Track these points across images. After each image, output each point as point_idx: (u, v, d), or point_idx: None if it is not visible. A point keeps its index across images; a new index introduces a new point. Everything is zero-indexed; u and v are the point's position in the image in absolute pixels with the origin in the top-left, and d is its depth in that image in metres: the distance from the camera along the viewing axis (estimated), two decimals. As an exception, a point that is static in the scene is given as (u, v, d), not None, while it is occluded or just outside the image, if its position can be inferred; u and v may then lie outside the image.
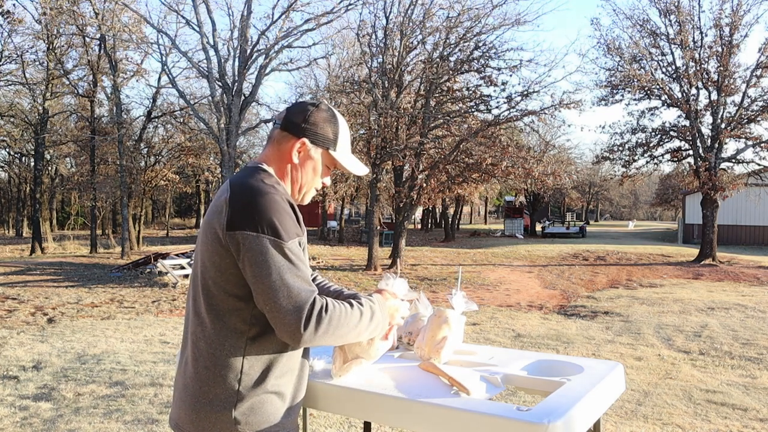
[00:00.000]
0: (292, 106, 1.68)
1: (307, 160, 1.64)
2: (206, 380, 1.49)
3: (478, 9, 15.49)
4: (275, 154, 1.64)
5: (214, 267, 1.49)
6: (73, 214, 40.41)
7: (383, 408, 1.59)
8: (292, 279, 1.43)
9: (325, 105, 1.68)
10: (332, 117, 1.67)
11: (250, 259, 1.43)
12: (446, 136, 16.48)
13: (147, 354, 6.34)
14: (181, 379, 1.57)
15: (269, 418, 1.49)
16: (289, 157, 1.62)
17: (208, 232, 1.51)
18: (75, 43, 22.15)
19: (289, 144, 1.62)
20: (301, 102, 1.68)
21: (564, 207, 51.55)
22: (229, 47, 16.76)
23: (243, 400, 1.47)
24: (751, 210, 26.27)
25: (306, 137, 1.62)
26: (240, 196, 1.49)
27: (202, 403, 1.48)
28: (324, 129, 1.64)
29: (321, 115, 1.64)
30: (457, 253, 20.94)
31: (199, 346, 1.51)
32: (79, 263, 17.32)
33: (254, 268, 1.43)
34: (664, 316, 8.93)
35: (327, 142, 1.65)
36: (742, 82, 18.23)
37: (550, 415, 1.40)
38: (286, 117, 1.64)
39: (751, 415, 4.59)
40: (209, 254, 1.50)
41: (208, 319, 1.50)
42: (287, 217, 1.48)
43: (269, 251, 1.43)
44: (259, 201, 1.46)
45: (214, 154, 25.56)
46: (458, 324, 1.90)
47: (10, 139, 27.13)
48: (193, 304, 1.57)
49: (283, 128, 1.63)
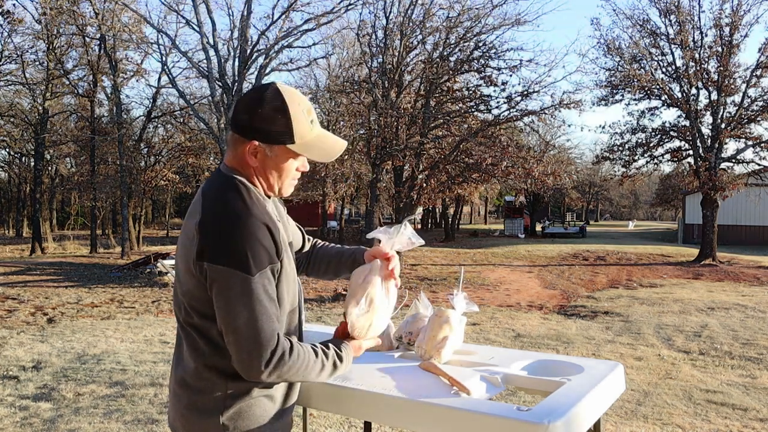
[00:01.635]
0: (236, 103, 1.51)
1: (267, 162, 1.48)
2: (194, 388, 1.47)
3: (478, 9, 15.51)
4: (235, 159, 1.50)
5: (188, 290, 1.45)
6: (73, 214, 40.40)
7: (383, 408, 1.59)
8: (256, 319, 1.36)
9: (272, 92, 1.46)
10: (280, 105, 1.44)
11: (217, 293, 1.38)
12: (446, 136, 16.49)
13: (147, 354, 6.34)
14: (172, 382, 1.56)
15: (258, 420, 1.46)
16: (246, 162, 1.47)
17: (182, 255, 1.46)
18: (75, 43, 22.16)
19: (242, 147, 1.47)
20: (246, 94, 1.50)
21: (564, 207, 51.53)
22: (229, 47, 16.78)
23: (230, 407, 1.44)
24: (751, 210, 26.26)
25: (255, 138, 1.45)
26: (210, 222, 1.40)
27: (190, 409, 1.47)
28: (273, 124, 1.44)
29: (266, 108, 1.44)
30: (457, 253, 20.94)
31: (189, 356, 1.49)
32: (79, 263, 17.32)
33: (219, 302, 1.38)
34: (664, 316, 8.93)
35: (281, 137, 1.46)
36: (742, 82, 18.23)
37: (551, 415, 1.40)
38: (233, 117, 1.49)
39: (751, 415, 4.59)
40: (184, 276, 1.46)
41: (194, 334, 1.47)
42: (258, 246, 1.37)
43: (236, 287, 1.36)
44: (228, 230, 1.37)
45: (214, 154, 25.56)
46: (459, 324, 1.90)
47: (10, 139, 27.12)
48: (177, 313, 1.54)
49: (233, 129, 1.49)
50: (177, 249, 1.54)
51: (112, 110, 23.38)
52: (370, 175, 15.58)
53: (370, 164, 15.77)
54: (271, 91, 1.46)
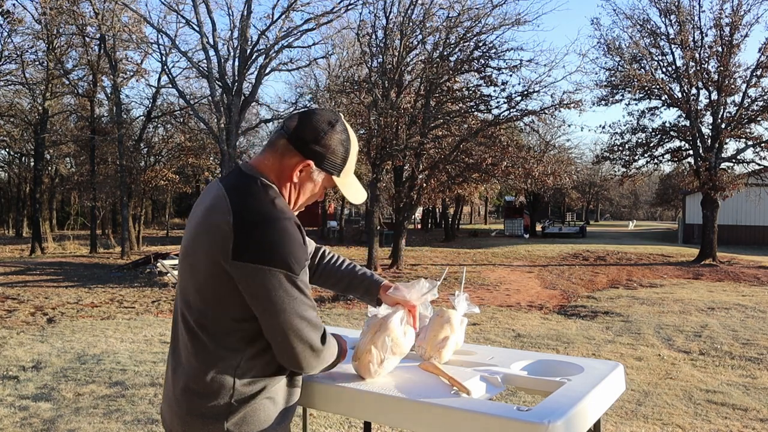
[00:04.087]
0: (305, 118, 1.52)
1: (307, 182, 1.53)
2: (199, 393, 1.45)
3: (478, 9, 15.49)
4: (276, 166, 1.51)
5: (211, 291, 1.42)
6: (73, 214, 40.38)
7: (383, 408, 1.59)
8: (305, 312, 1.43)
9: (341, 125, 1.53)
10: (346, 140, 1.53)
11: (261, 294, 1.38)
12: (446, 136, 16.48)
13: (147, 354, 6.34)
14: (171, 388, 1.53)
15: (262, 424, 1.46)
16: (290, 175, 1.50)
17: (204, 252, 1.43)
18: (75, 43, 22.14)
19: (293, 161, 1.49)
20: (316, 114, 1.53)
21: (564, 207, 51.53)
22: (229, 47, 16.79)
23: (236, 412, 1.44)
24: (751, 210, 26.26)
25: (313, 160, 1.49)
26: (248, 222, 1.39)
27: (193, 415, 1.45)
28: (334, 154, 1.51)
29: (335, 138, 1.50)
30: (457, 253, 20.94)
31: (191, 362, 1.47)
32: (79, 263, 17.32)
33: (265, 303, 1.38)
34: (664, 316, 8.93)
35: (333, 168, 1.53)
36: (743, 81, 18.22)
37: (551, 415, 1.40)
38: (297, 130, 1.49)
39: (752, 415, 4.59)
40: (205, 275, 1.43)
41: (204, 336, 1.45)
42: (298, 247, 1.41)
43: (282, 286, 1.38)
44: (269, 231, 1.39)
45: (214, 154, 25.53)
46: (460, 325, 1.90)
47: (10, 139, 27.11)
48: (182, 319, 1.51)
49: (290, 140, 1.49)
50: (186, 247, 1.52)
51: (112, 110, 23.36)
52: (370, 175, 15.57)
53: (370, 164, 15.77)
54: (341, 124, 1.54)
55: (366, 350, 1.67)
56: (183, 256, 1.53)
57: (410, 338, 1.76)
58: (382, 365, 1.68)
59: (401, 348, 1.71)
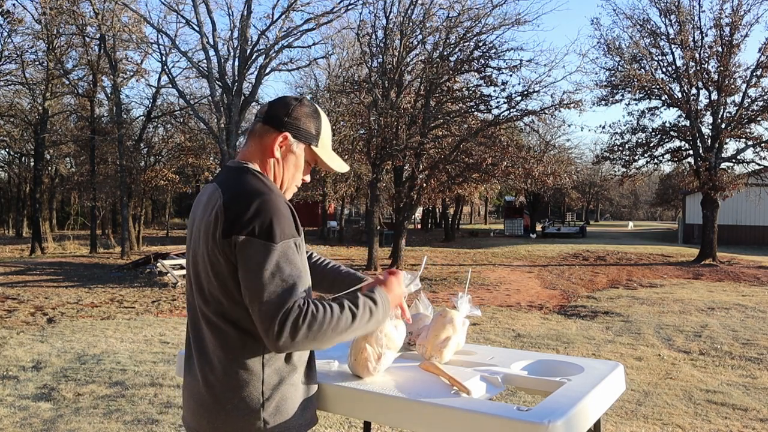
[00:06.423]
0: (274, 101, 1.67)
1: (289, 155, 1.62)
2: (230, 387, 1.46)
3: (478, 9, 15.50)
4: (257, 148, 1.61)
5: (218, 279, 1.46)
6: (73, 214, 40.39)
7: (383, 408, 1.59)
8: (273, 284, 1.38)
9: (308, 101, 1.67)
10: (314, 112, 1.66)
11: (240, 263, 1.41)
12: (446, 136, 16.48)
13: (147, 354, 6.34)
14: (195, 386, 1.54)
15: (290, 411, 1.50)
16: (271, 152, 1.60)
17: (204, 244, 1.49)
18: (75, 43, 22.14)
19: (271, 138, 1.60)
20: (283, 96, 1.68)
21: (564, 207, 51.54)
22: (229, 47, 16.79)
23: (269, 399, 1.47)
24: (751, 210, 26.26)
25: (288, 131, 1.60)
26: (234, 202, 1.46)
27: (227, 409, 1.46)
28: (306, 124, 1.63)
29: (303, 110, 1.63)
30: (457, 253, 20.94)
31: (217, 354, 1.48)
32: (79, 263, 17.32)
33: (242, 272, 1.41)
34: (664, 316, 8.93)
35: (309, 137, 1.64)
36: (743, 81, 18.21)
37: (551, 415, 1.40)
38: (269, 111, 1.63)
39: (752, 415, 4.59)
40: (210, 265, 1.47)
41: (225, 326, 1.47)
42: (282, 218, 1.44)
43: (257, 254, 1.40)
44: (253, 204, 1.44)
45: (214, 154, 25.56)
46: (462, 326, 1.90)
47: (10, 139, 27.11)
48: (202, 316, 1.53)
49: (265, 122, 1.61)
50: (192, 241, 1.57)
51: (112, 110, 23.36)
52: (370, 175, 15.57)
53: (370, 164, 15.77)
54: (308, 101, 1.67)
55: (361, 348, 1.68)
56: (191, 254, 1.58)
57: (402, 331, 1.76)
58: (380, 361, 1.69)
59: (395, 342, 1.72)
